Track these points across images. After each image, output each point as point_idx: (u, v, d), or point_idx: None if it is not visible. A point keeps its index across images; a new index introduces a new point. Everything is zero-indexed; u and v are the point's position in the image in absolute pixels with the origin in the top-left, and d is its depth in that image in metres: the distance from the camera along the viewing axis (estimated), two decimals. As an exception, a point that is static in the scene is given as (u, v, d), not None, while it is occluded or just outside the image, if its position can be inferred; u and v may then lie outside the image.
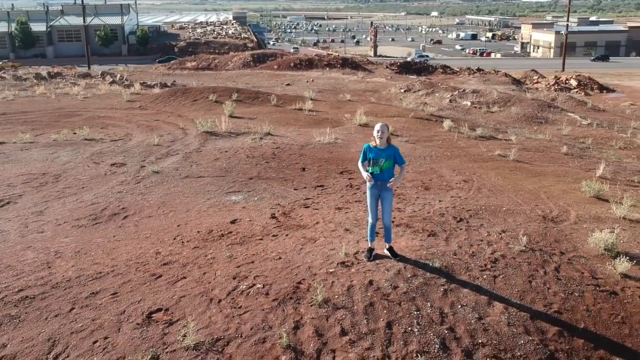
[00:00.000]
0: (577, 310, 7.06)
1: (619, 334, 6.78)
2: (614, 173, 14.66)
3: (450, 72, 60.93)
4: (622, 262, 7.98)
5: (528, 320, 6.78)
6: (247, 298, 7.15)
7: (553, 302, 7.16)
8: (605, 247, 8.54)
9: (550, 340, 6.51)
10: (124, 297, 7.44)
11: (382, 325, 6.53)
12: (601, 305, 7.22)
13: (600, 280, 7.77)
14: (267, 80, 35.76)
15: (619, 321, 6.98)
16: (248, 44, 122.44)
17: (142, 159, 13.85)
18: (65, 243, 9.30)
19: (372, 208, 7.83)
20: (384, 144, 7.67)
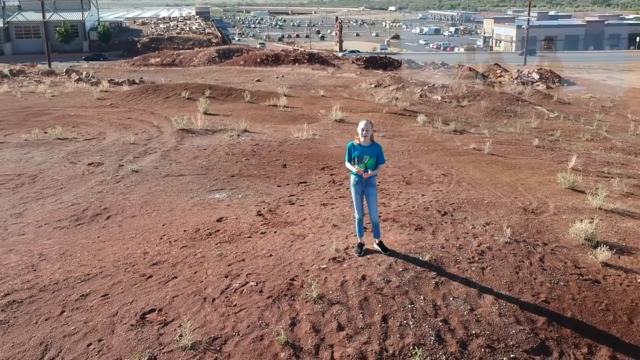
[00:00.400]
0: (564, 299, 7.27)
1: (604, 321, 7.01)
2: (585, 165, 15.10)
3: (415, 67, 61.50)
4: (603, 251, 8.24)
5: (518, 310, 6.95)
6: (241, 296, 7.15)
7: (540, 292, 7.35)
8: (585, 237, 8.80)
9: (540, 329, 6.69)
10: (115, 298, 7.37)
11: (377, 319, 6.61)
12: (585, 293, 7.45)
13: (582, 269, 8.01)
14: (236, 77, 35.54)
15: (603, 308, 7.20)
16: (212, 40, 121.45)
17: (119, 158, 13.66)
18: (49, 245, 9.14)
19: (357, 204, 7.91)
20: (368, 141, 7.74)
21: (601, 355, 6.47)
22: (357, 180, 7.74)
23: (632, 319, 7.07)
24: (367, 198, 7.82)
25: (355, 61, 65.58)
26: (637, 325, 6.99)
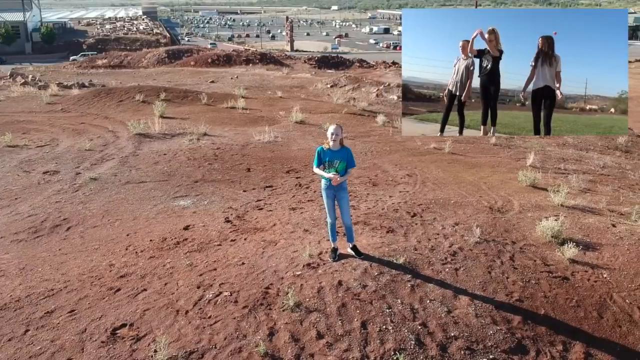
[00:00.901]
0: (536, 298, 7.37)
1: (576, 318, 7.14)
2: (542, 162, 15.44)
3: (367, 66, 61.87)
4: (570, 248, 8.41)
5: (493, 310, 7.00)
6: (215, 307, 6.97)
7: (513, 291, 7.43)
8: (552, 234, 8.97)
9: (516, 328, 6.76)
10: (83, 314, 7.07)
11: (357, 325, 6.55)
12: (556, 290, 7.57)
13: (551, 266, 8.15)
14: (189, 78, 34.95)
15: (574, 305, 7.34)
16: (161, 40, 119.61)
17: (75, 166, 13.16)
18: (7, 260, 8.71)
19: (329, 208, 7.82)
20: (337, 145, 7.64)
21: (576, 352, 6.57)
22: (327, 185, 7.65)
23: (602, 315, 7.22)
24: (339, 202, 7.74)
25: (308, 61, 65.60)
26: (606, 320, 7.15)
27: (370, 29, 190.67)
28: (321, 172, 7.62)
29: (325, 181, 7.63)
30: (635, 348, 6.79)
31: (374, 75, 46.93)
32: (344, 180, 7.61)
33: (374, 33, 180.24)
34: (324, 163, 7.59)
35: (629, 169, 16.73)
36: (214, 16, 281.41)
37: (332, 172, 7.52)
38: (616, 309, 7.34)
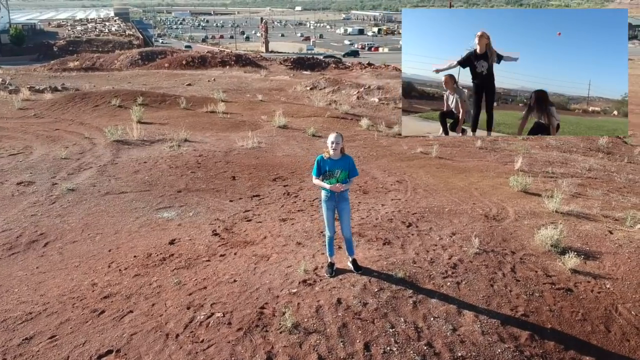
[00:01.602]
0: (542, 312, 7.10)
1: (583, 332, 6.89)
2: (530, 165, 15.29)
3: (343, 67, 61.57)
4: (571, 257, 8.18)
5: (500, 327, 6.71)
6: (207, 330, 6.54)
7: (518, 305, 7.16)
8: (551, 243, 8.74)
9: (524, 345, 6.47)
10: (65, 340, 6.58)
11: (359, 347, 6.19)
12: (561, 304, 7.32)
13: (554, 277, 7.90)
14: (165, 81, 34.23)
15: (581, 319, 7.09)
16: (134, 42, 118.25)
17: (51, 176, 12.54)
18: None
19: (329, 221, 7.46)
20: (338, 154, 7.27)
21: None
22: (328, 196, 7.27)
23: (609, 328, 6.99)
24: (340, 213, 7.37)
25: (283, 62, 65.09)
26: (614, 334, 6.91)
27: (344, 30, 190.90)
28: (321, 183, 7.24)
29: (326, 192, 7.25)
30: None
31: (351, 77, 46.60)
32: (346, 188, 7.24)
33: (348, 34, 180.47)
34: (324, 173, 7.21)
35: (613, 171, 16.69)
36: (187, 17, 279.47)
37: (332, 182, 7.15)
38: (623, 322, 7.11)
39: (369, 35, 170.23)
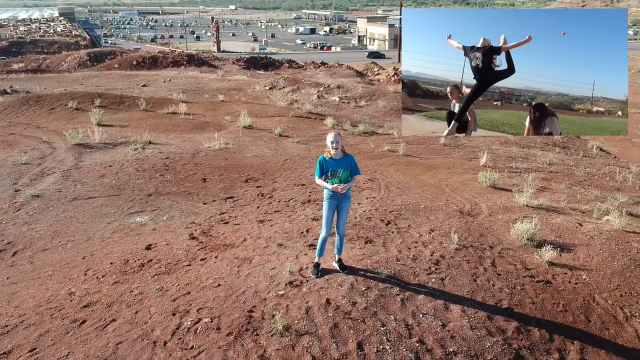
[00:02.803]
0: (525, 304, 7.25)
1: (566, 322, 7.06)
2: (494, 161, 15.60)
3: (296, 67, 61.55)
4: (547, 250, 8.38)
5: (487, 320, 6.81)
6: (196, 336, 6.40)
7: (502, 299, 7.28)
8: (527, 237, 8.93)
9: (511, 338, 6.59)
10: (46, 352, 6.32)
11: (352, 347, 6.17)
12: (542, 296, 7.49)
13: (532, 270, 8.08)
14: (119, 82, 33.42)
15: (562, 310, 7.27)
16: (80, 42, 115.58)
17: (13, 182, 12.03)
18: (-53, 293, 7.76)
19: (328, 220, 7.39)
20: (339, 154, 7.23)
21: (572, 359, 6.47)
22: (331, 195, 7.20)
23: (589, 318, 7.18)
24: (340, 212, 7.32)
25: (236, 62, 64.52)
26: (594, 323, 7.11)
27: (296, 30, 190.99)
28: (324, 183, 7.17)
29: (329, 191, 7.18)
30: (626, 348, 6.77)
31: (305, 76, 46.65)
32: (349, 187, 7.20)
33: (300, 33, 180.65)
34: (326, 173, 7.14)
35: (572, 165, 17.21)
36: (134, 17, 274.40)
37: (335, 182, 7.10)
38: (601, 311, 7.33)
39: (321, 35, 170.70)
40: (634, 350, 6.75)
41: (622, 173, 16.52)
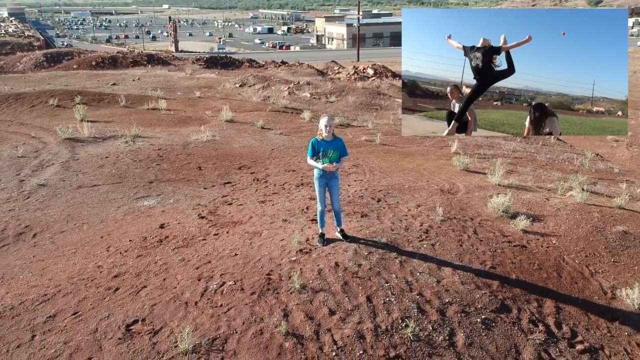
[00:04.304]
0: (505, 264, 8.30)
1: (541, 279, 8.13)
2: (463, 149, 16.77)
3: (257, 66, 61.91)
4: (521, 220, 9.48)
5: (475, 277, 7.82)
6: (223, 296, 7.21)
7: (485, 260, 8.31)
8: (502, 210, 10.02)
9: (497, 291, 7.61)
10: (89, 315, 7.04)
11: (362, 300, 7.08)
12: (520, 257, 8.55)
13: (509, 237, 9.16)
14: (87, 81, 33.51)
15: (537, 268, 8.34)
16: (34, 43, 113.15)
17: (15, 173, 12.52)
18: (-21, 271, 8.35)
19: (320, 196, 8.28)
20: (330, 136, 8.10)
21: (548, 307, 7.52)
22: (320, 174, 8.09)
23: (560, 274, 8.27)
24: (331, 190, 8.22)
25: (196, 61, 64.53)
26: (565, 278, 8.20)
27: (254, 29, 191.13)
28: (314, 163, 8.04)
29: (318, 170, 8.06)
30: (591, 299, 7.87)
31: (267, 75, 47.29)
32: (338, 168, 8.08)
33: (258, 33, 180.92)
34: (317, 153, 8.01)
35: (534, 152, 18.56)
36: (87, 17, 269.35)
37: (325, 161, 7.97)
38: (570, 269, 8.43)
39: (279, 34, 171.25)
40: (598, 299, 7.85)
41: (579, 159, 17.96)
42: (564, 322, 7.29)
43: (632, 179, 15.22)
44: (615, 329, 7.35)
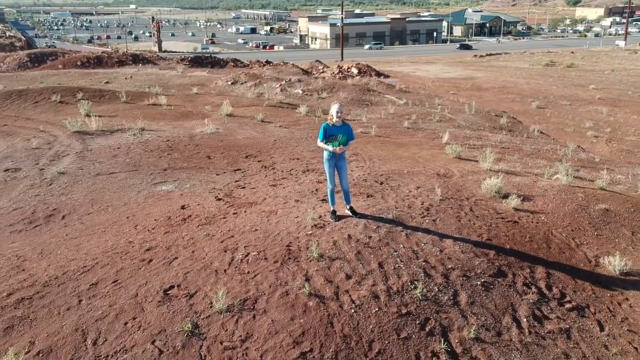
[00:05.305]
0: (500, 237, 9.18)
1: (532, 249, 9.03)
2: (453, 140, 17.68)
3: (241, 65, 62.54)
4: (512, 199, 10.38)
5: (473, 247, 8.69)
6: (249, 265, 8.00)
7: (482, 233, 9.19)
8: (495, 190, 10.91)
9: (493, 259, 8.48)
10: (128, 282, 7.77)
11: (375, 266, 7.91)
12: (512, 231, 9.44)
13: (502, 214, 10.04)
14: (80, 80, 33.93)
15: (529, 240, 9.24)
16: (16, 43, 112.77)
17: (34, 163, 13.16)
18: (18, 247, 9.03)
19: (330, 176, 9.09)
20: (340, 122, 8.93)
21: (539, 272, 8.42)
22: (330, 156, 8.90)
23: (549, 245, 9.17)
24: (339, 170, 9.03)
25: (181, 61, 64.96)
26: (554, 249, 9.10)
27: (237, 29, 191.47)
28: (325, 145, 8.85)
29: (328, 153, 8.87)
30: (578, 266, 8.78)
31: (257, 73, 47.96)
32: (345, 150, 8.90)
33: (241, 33, 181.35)
34: (328, 137, 8.82)
35: (519, 143, 19.57)
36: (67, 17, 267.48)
37: (335, 145, 8.78)
38: (558, 241, 9.33)
39: (262, 34, 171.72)
40: (584, 266, 8.76)
41: (562, 150, 18.99)
42: (553, 285, 8.19)
43: (612, 167, 16.27)
44: (599, 291, 8.28)
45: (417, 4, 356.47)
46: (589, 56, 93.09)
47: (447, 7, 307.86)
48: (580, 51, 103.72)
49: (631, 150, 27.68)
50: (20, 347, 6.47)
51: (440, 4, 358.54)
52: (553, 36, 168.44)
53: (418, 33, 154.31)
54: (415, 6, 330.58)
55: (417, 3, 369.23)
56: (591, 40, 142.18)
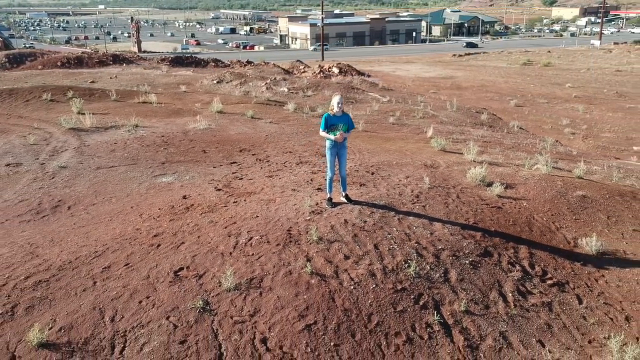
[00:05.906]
0: (485, 221, 9.80)
1: (516, 232, 9.66)
2: (437, 134, 18.36)
3: (222, 65, 62.73)
4: (496, 187, 11.03)
5: (461, 230, 9.30)
6: (253, 247, 8.52)
7: (469, 217, 9.81)
8: (479, 179, 11.55)
9: (480, 241, 9.10)
10: (139, 265, 8.24)
11: (370, 247, 8.48)
12: (497, 215, 10.08)
13: (487, 200, 10.68)
14: (65, 79, 34.05)
15: (512, 224, 9.87)
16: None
17: (34, 158, 13.52)
18: (29, 235, 9.43)
19: (331, 164, 9.63)
20: (340, 112, 9.48)
21: (523, 252, 9.05)
22: (332, 145, 9.45)
23: (532, 229, 9.81)
24: (340, 158, 9.59)
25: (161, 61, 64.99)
26: (535, 232, 9.74)
27: (216, 29, 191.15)
28: (326, 134, 9.40)
29: (330, 141, 9.42)
30: (558, 247, 9.44)
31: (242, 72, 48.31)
32: (346, 137, 9.46)
33: (220, 33, 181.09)
34: (330, 127, 9.37)
35: (500, 138, 20.31)
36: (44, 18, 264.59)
37: (336, 133, 9.34)
38: (539, 224, 9.98)
39: (242, 34, 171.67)
40: (563, 247, 9.42)
41: (541, 144, 19.78)
42: (536, 263, 8.83)
43: (589, 159, 17.06)
44: (577, 268, 8.93)
45: (395, 4, 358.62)
46: (565, 55, 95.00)
47: (426, 7, 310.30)
48: (556, 50, 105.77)
49: (607, 147, 28.72)
50: (44, 323, 6.91)
51: (419, 4, 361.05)
52: (530, 36, 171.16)
53: (397, 33, 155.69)
54: (394, 6, 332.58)
55: (395, 3, 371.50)
56: (567, 39, 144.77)
